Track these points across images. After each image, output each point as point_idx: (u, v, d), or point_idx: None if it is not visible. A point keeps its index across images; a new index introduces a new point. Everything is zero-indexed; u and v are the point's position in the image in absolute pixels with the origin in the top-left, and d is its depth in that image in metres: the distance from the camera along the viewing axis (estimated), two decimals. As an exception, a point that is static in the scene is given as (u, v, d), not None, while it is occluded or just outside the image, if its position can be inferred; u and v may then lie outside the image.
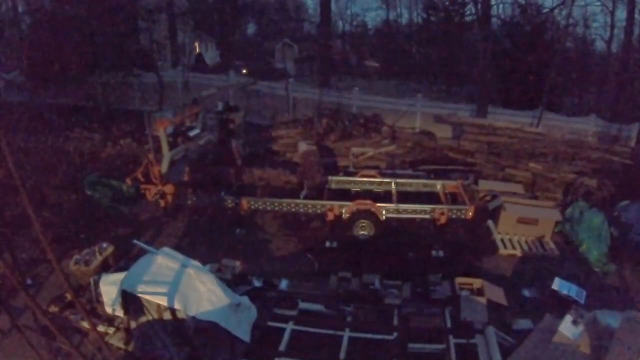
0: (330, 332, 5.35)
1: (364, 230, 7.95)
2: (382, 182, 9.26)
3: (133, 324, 5.06)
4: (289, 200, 8.14)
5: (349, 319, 5.66)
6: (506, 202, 8.20)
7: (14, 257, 6.39)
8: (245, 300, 5.34)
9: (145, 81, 15.56)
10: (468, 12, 24.09)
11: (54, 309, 5.71)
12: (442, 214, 7.94)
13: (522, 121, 12.74)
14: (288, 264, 7.21)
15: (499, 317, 5.72)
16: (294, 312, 5.74)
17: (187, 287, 4.84)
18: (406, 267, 7.07)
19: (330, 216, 8.05)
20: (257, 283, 6.41)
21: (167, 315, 4.80)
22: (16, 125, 10.34)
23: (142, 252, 5.44)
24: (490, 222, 8.36)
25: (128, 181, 8.09)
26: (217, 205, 8.39)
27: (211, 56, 28.71)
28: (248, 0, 26.62)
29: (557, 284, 5.99)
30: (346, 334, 5.29)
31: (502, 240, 7.87)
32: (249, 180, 9.65)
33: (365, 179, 9.36)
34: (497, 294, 6.17)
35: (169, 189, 8.08)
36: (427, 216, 8.06)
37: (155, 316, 4.81)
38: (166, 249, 5.27)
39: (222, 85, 14.30)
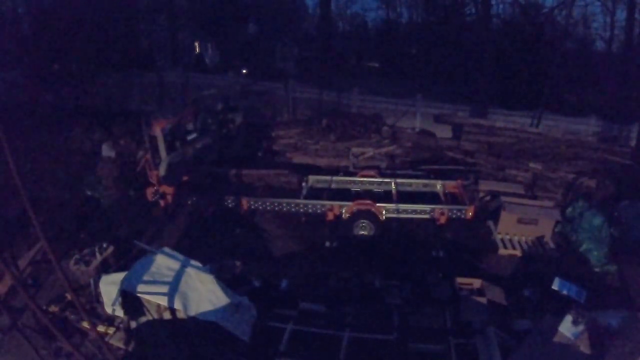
0: (330, 332, 5.36)
1: (364, 230, 7.95)
2: (382, 182, 9.26)
3: (133, 324, 5.07)
4: (289, 200, 8.14)
5: (349, 319, 5.66)
6: (506, 202, 8.20)
7: (14, 257, 6.43)
8: (245, 300, 5.34)
9: (145, 81, 15.54)
10: (468, 12, 24.08)
11: (54, 309, 5.72)
12: (442, 214, 7.94)
13: (522, 121, 12.74)
14: (288, 264, 7.21)
15: (499, 317, 5.72)
16: (294, 312, 5.74)
17: (187, 287, 4.84)
18: (406, 267, 7.08)
19: (330, 216, 8.06)
20: (257, 283, 6.42)
21: (167, 315, 4.80)
22: (16, 125, 10.34)
23: (142, 252, 5.45)
24: (490, 222, 8.36)
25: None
26: (217, 205, 8.39)
27: (211, 56, 28.69)
28: (248, 0, 26.57)
29: (557, 284, 5.99)
30: (346, 334, 5.29)
31: (502, 240, 7.87)
32: (249, 180, 9.64)
33: (365, 179, 9.36)
34: (497, 294, 6.18)
35: (168, 189, 8.08)
36: (427, 216, 8.06)
37: (155, 316, 4.82)
38: (166, 249, 5.28)
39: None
